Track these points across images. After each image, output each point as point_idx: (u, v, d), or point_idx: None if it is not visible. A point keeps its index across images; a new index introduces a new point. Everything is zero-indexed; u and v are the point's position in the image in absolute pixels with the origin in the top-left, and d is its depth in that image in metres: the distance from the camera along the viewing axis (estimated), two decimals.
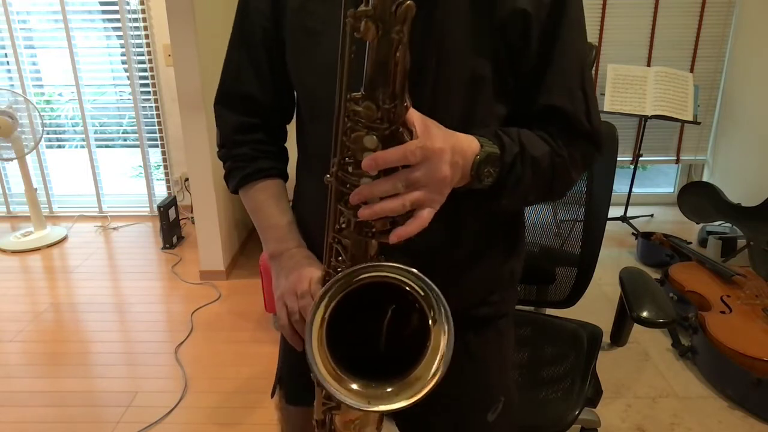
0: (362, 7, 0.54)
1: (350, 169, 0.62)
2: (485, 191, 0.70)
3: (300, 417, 0.94)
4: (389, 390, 0.62)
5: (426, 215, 0.61)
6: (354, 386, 0.62)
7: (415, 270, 0.60)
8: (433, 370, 0.61)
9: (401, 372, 0.62)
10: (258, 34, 0.82)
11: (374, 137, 0.59)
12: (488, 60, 0.71)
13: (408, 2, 0.52)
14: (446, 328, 0.61)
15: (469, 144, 0.66)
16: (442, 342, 0.61)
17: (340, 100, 0.60)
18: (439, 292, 0.60)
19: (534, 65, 0.73)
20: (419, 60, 0.58)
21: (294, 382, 0.94)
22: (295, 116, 0.89)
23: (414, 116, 0.61)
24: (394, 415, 0.93)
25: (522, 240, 0.91)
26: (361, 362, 0.64)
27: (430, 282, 0.60)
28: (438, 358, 0.61)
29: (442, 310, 0.60)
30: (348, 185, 0.63)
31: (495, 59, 0.71)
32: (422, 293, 0.61)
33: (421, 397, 0.60)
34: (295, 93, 0.86)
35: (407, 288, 0.61)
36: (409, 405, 0.60)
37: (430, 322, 0.61)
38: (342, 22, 0.56)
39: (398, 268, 0.61)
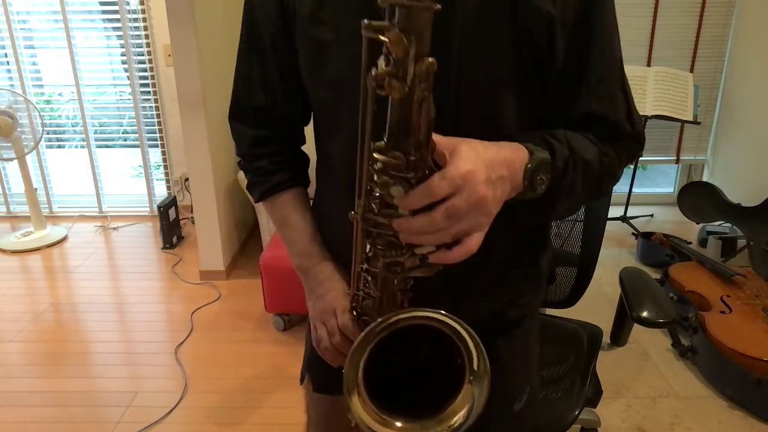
0: (382, 68, 0.52)
1: (377, 211, 0.61)
2: (538, 200, 0.67)
3: (326, 403, 0.98)
4: (428, 423, 0.62)
5: (474, 242, 0.58)
6: (398, 424, 0.63)
7: (466, 326, 0.60)
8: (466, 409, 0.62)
9: (437, 406, 0.63)
10: (267, 42, 0.80)
11: (401, 188, 0.57)
12: (511, 65, 0.69)
13: (430, 59, 0.51)
14: (484, 381, 0.62)
15: (516, 153, 0.63)
16: (475, 392, 0.62)
17: (363, 149, 0.59)
18: (483, 349, 0.61)
19: (567, 69, 0.71)
20: (440, 68, 0.56)
21: (321, 372, 0.96)
22: (313, 122, 0.88)
23: (441, 143, 0.58)
24: None
25: (549, 238, 0.90)
26: (399, 398, 0.64)
27: (477, 337, 0.61)
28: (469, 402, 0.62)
29: (483, 363, 0.61)
30: (375, 226, 0.62)
31: (518, 64, 0.69)
32: (458, 331, 0.61)
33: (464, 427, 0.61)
34: (312, 104, 0.85)
35: (454, 338, 0.61)
36: None
37: (467, 368, 0.62)
38: (362, 83, 0.55)
39: (448, 318, 0.60)
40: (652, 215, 3.66)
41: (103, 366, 2.22)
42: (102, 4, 3.56)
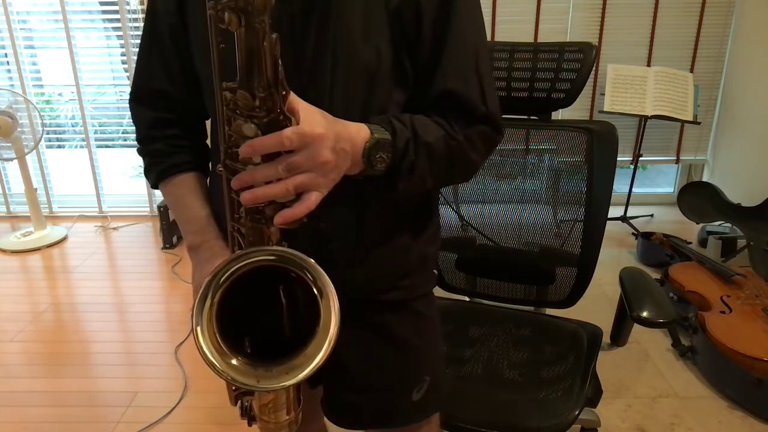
0: (222, 1, 0.54)
1: (236, 157, 0.63)
2: (381, 177, 0.72)
3: None
4: (278, 369, 0.63)
5: (313, 198, 0.63)
6: (244, 367, 0.64)
7: (296, 252, 0.62)
8: (322, 350, 0.62)
9: (291, 352, 0.63)
10: (165, 32, 0.82)
11: (253, 126, 0.60)
12: (385, 47, 0.73)
13: None
14: (332, 306, 0.62)
15: (359, 131, 0.68)
16: (332, 321, 0.62)
17: (217, 89, 0.61)
18: (319, 269, 0.61)
19: (429, 52, 0.76)
20: (317, 49, 0.60)
21: None
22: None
23: (297, 104, 0.61)
24: (321, 400, 0.95)
25: (434, 225, 0.92)
26: (257, 345, 0.66)
27: (310, 261, 0.62)
28: (327, 338, 0.62)
29: (326, 289, 0.61)
30: (236, 174, 0.64)
31: (391, 46, 0.74)
32: (311, 276, 0.62)
33: (306, 375, 0.61)
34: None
35: (293, 272, 0.62)
36: (294, 383, 0.62)
37: (320, 302, 0.62)
38: (207, 13, 0.57)
39: (278, 250, 0.62)
40: (652, 215, 3.66)
41: (103, 366, 2.22)
42: (102, 4, 3.56)
